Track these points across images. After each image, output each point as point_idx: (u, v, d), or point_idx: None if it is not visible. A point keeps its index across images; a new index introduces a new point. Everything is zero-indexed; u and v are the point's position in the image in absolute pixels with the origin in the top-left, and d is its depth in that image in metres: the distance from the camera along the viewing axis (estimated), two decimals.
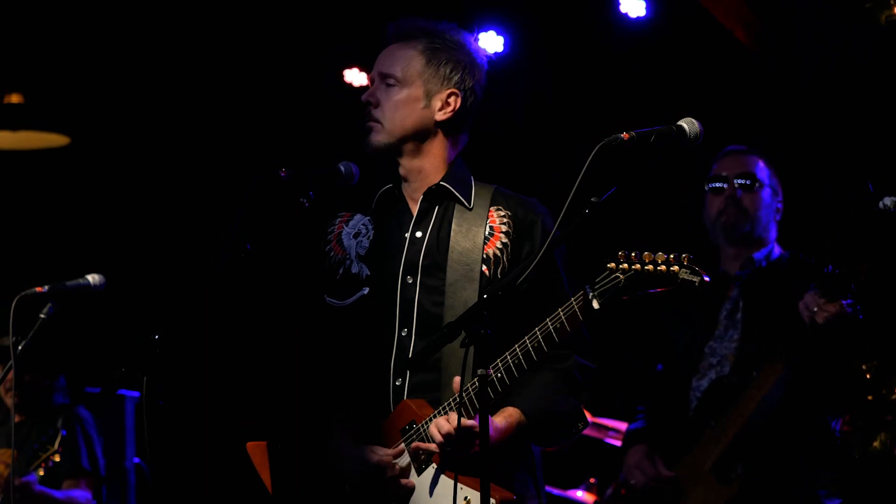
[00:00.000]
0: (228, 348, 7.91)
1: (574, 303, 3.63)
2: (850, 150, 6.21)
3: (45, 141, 8.13)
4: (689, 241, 3.79)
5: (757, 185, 5.69)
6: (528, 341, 3.70)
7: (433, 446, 3.77)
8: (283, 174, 3.85)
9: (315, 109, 7.93)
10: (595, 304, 3.58)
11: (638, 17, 6.81)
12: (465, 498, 3.73)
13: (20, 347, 4.77)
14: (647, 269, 3.49)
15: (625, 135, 3.53)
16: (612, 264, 3.55)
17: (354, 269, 4.04)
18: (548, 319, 3.67)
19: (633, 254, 3.53)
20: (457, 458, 3.72)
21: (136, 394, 7.31)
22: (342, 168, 3.98)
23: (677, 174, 6.12)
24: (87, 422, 6.90)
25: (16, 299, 4.67)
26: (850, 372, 5.23)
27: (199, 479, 7.77)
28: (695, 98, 6.82)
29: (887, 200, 5.04)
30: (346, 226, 4.13)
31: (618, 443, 7.07)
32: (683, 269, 3.47)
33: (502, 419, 3.80)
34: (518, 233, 3.96)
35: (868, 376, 5.18)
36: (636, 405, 5.93)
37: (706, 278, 3.46)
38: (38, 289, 4.73)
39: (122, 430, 7.38)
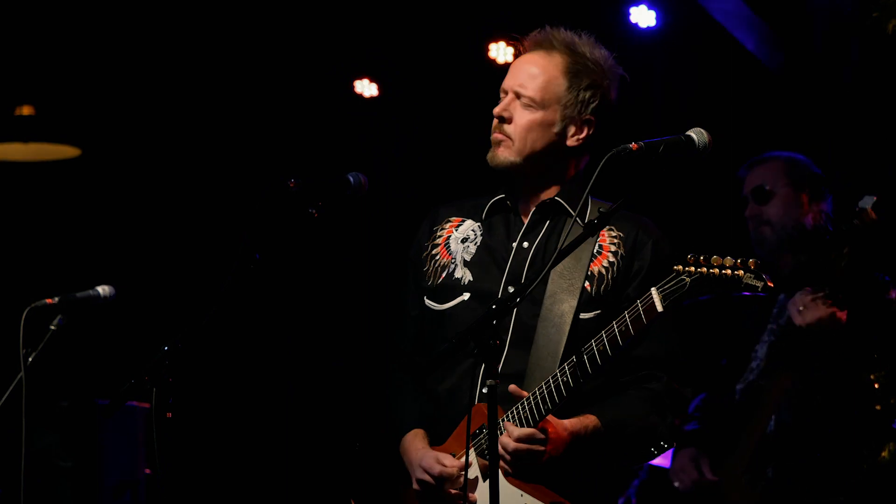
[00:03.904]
0: (239, 358, 7.91)
1: (640, 304, 3.63)
2: (856, 157, 6.21)
3: (56, 153, 8.14)
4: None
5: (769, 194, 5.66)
6: (594, 344, 3.69)
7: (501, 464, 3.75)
8: (292, 185, 3.86)
9: (326, 120, 7.93)
10: (659, 307, 3.59)
11: (648, 27, 6.81)
12: None
13: (30, 359, 4.77)
14: (713, 273, 3.52)
15: (633, 145, 3.54)
16: (679, 266, 3.57)
17: (458, 275, 4.02)
18: (614, 322, 3.67)
19: (700, 257, 3.54)
20: (521, 467, 3.74)
21: (146, 405, 7.31)
22: (351, 179, 3.98)
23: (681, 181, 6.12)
24: None
25: (26, 310, 4.67)
26: (857, 382, 5.23)
27: (209, 490, 7.77)
28: (704, 108, 6.81)
29: (866, 200, 5.03)
30: (456, 231, 4.10)
31: None
32: (748, 274, 3.49)
33: (577, 420, 3.78)
34: (628, 252, 3.91)
35: (876, 386, 5.18)
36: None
37: (770, 283, 3.48)
38: (49, 300, 4.73)
39: (132, 441, 7.38)
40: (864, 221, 5.05)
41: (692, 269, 3.54)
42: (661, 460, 6.99)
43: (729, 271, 3.50)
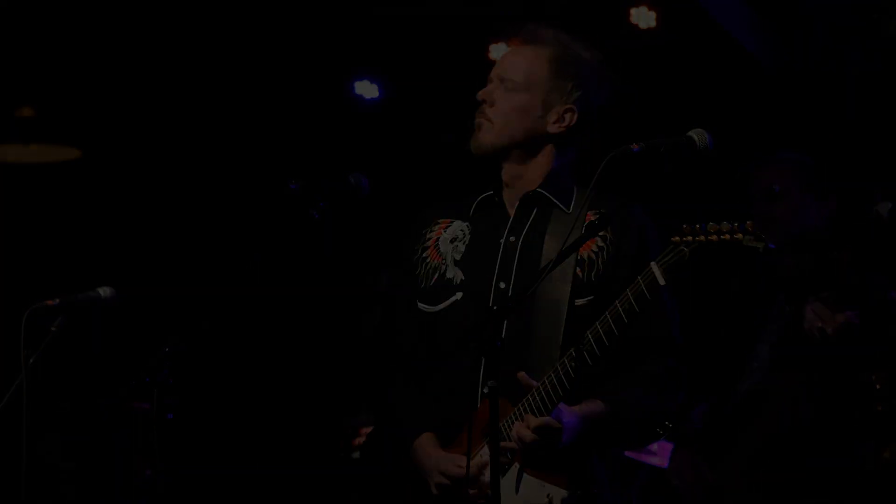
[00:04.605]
0: (239, 359, 7.91)
1: (641, 280, 3.60)
2: (857, 158, 6.21)
3: (57, 154, 8.15)
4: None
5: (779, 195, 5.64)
6: (598, 326, 3.67)
7: (513, 444, 3.75)
8: (293, 186, 3.87)
9: (326, 121, 7.94)
10: (661, 280, 3.56)
11: (648, 28, 6.81)
12: (548, 495, 3.73)
13: (31, 361, 4.76)
14: (712, 240, 3.48)
15: (634, 145, 3.55)
16: (677, 237, 3.54)
17: (449, 275, 4.02)
18: (616, 301, 3.64)
19: (697, 226, 3.52)
20: (539, 457, 3.73)
21: (146, 406, 7.31)
22: (352, 180, 3.99)
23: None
24: None
25: (27, 312, 4.67)
26: (859, 383, 5.23)
27: (209, 490, 7.78)
28: (704, 108, 6.81)
29: (882, 206, 5.03)
30: (445, 232, 4.11)
31: (629, 454, 7.07)
32: (748, 236, 3.46)
33: (585, 405, 3.78)
34: (617, 236, 3.91)
35: (878, 386, 5.18)
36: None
37: (771, 245, 3.45)
38: (49, 302, 4.72)
39: (132, 442, 7.38)
40: (871, 223, 5.05)
41: (690, 238, 3.52)
42: (661, 460, 7.01)
43: (727, 236, 3.47)
